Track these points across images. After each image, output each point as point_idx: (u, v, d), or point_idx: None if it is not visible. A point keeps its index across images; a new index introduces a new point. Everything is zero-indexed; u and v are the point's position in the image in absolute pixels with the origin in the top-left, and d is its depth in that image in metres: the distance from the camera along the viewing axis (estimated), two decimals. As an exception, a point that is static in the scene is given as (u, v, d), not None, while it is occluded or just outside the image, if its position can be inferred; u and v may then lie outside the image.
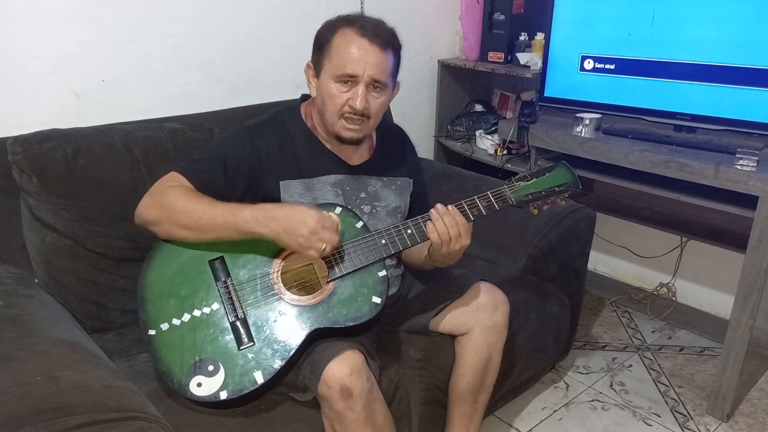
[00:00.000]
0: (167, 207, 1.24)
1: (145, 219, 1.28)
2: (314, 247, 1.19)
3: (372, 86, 1.31)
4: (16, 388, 0.94)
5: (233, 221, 1.21)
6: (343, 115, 1.32)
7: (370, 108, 1.32)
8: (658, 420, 1.91)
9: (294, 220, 1.19)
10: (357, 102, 1.30)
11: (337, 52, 1.29)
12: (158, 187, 1.29)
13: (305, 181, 1.38)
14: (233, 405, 1.23)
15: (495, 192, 1.35)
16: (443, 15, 2.50)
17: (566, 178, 1.40)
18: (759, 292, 1.72)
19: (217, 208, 1.23)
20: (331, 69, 1.30)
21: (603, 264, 2.71)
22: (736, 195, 1.70)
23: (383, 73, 1.31)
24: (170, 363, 1.21)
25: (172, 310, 1.25)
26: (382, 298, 1.28)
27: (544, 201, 1.39)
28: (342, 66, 1.29)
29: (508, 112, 2.60)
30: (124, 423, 0.95)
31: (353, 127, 1.34)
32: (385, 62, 1.31)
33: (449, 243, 1.29)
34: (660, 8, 1.87)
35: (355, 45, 1.28)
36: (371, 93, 1.32)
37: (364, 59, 1.28)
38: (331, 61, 1.30)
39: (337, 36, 1.30)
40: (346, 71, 1.28)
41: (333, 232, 1.21)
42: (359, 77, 1.29)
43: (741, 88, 1.78)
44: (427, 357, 1.52)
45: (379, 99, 1.34)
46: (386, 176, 1.48)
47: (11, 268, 1.42)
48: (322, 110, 1.36)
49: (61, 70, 1.62)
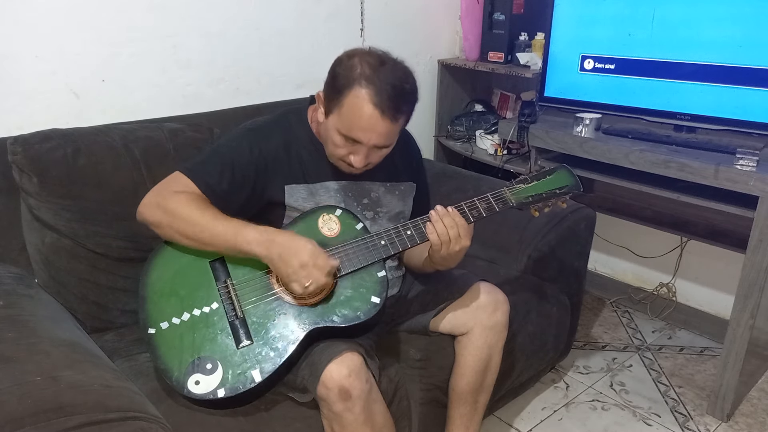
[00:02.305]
0: (170, 213, 1.24)
1: (147, 219, 1.27)
2: (299, 281, 1.19)
3: (376, 147, 1.29)
4: (16, 388, 0.94)
5: (234, 241, 1.22)
6: (342, 160, 1.32)
7: (370, 161, 1.32)
8: (658, 420, 1.91)
9: (290, 249, 1.19)
10: (356, 163, 1.29)
11: (346, 112, 1.24)
12: (163, 189, 1.28)
13: (309, 185, 1.38)
14: (231, 404, 1.23)
15: (495, 194, 1.35)
16: (443, 15, 2.50)
17: (567, 181, 1.40)
18: (759, 292, 1.72)
19: (220, 224, 1.22)
20: (337, 122, 1.27)
21: (603, 264, 2.71)
22: (736, 195, 1.70)
23: (390, 140, 1.29)
24: (169, 361, 1.21)
25: (172, 309, 1.25)
26: (381, 298, 1.28)
27: (544, 203, 1.38)
28: (348, 129, 1.25)
29: (508, 112, 2.60)
30: (124, 423, 0.95)
31: (351, 171, 1.34)
32: (394, 130, 1.28)
33: (449, 244, 1.29)
34: (660, 8, 1.87)
35: (365, 114, 1.22)
36: (374, 150, 1.30)
37: (372, 130, 1.24)
38: (339, 115, 1.26)
39: (351, 95, 1.23)
40: (351, 135, 1.26)
41: (322, 273, 1.20)
42: (363, 144, 1.27)
43: (741, 88, 1.78)
44: (427, 357, 1.52)
45: (382, 152, 1.32)
46: (389, 182, 1.48)
47: (11, 268, 1.42)
48: (324, 141, 1.35)
49: (61, 70, 1.62)
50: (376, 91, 1.21)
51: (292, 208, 1.36)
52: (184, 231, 1.23)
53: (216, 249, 1.25)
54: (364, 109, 1.22)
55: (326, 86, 1.30)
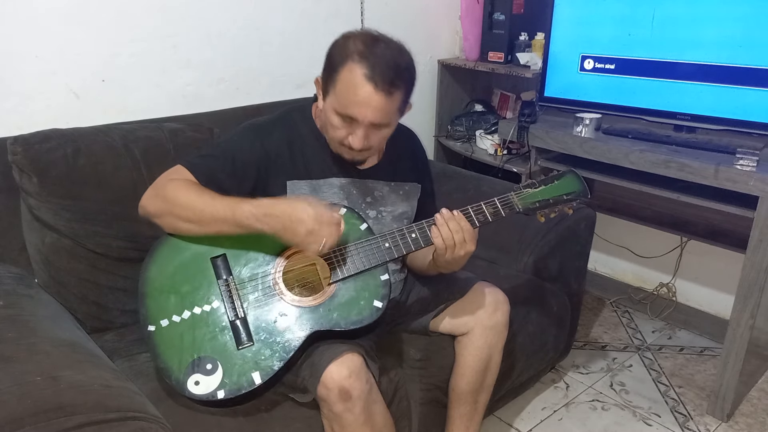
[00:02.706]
0: (169, 199, 1.23)
1: (148, 211, 1.27)
2: (313, 245, 1.19)
3: (374, 126, 1.28)
4: (16, 388, 0.94)
5: (233, 216, 1.21)
6: (343, 144, 1.31)
7: (370, 143, 1.30)
8: (658, 420, 1.91)
9: (292, 218, 1.18)
10: (355, 143, 1.28)
11: (341, 89, 1.23)
12: (161, 180, 1.28)
13: (312, 182, 1.38)
14: (231, 404, 1.23)
15: (502, 198, 1.33)
16: (443, 15, 2.50)
17: (575, 187, 1.38)
18: (759, 292, 1.72)
19: (218, 203, 1.22)
20: (334, 102, 1.26)
21: (603, 264, 2.71)
22: (736, 195, 1.70)
23: (386, 117, 1.27)
24: (169, 360, 1.21)
25: (172, 307, 1.25)
26: (383, 302, 1.27)
27: (551, 209, 1.36)
28: (344, 106, 1.25)
29: (508, 112, 2.60)
30: (124, 423, 0.95)
31: (354, 156, 1.34)
32: (389, 106, 1.25)
33: (453, 248, 1.27)
34: (660, 8, 1.87)
35: (359, 89, 1.21)
36: (373, 130, 1.28)
37: (367, 105, 1.22)
38: (335, 94, 1.25)
39: (345, 71, 1.22)
40: (346, 112, 1.25)
41: (331, 228, 1.19)
42: (360, 121, 1.25)
43: (741, 88, 1.78)
44: (427, 357, 1.52)
45: (382, 133, 1.31)
46: (394, 181, 1.47)
47: (11, 268, 1.42)
48: (324, 129, 1.35)
49: (61, 70, 1.62)
50: (369, 66, 1.21)
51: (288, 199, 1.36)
52: (184, 214, 1.23)
53: (218, 229, 1.24)
54: (357, 83, 1.21)
55: (323, 70, 1.30)
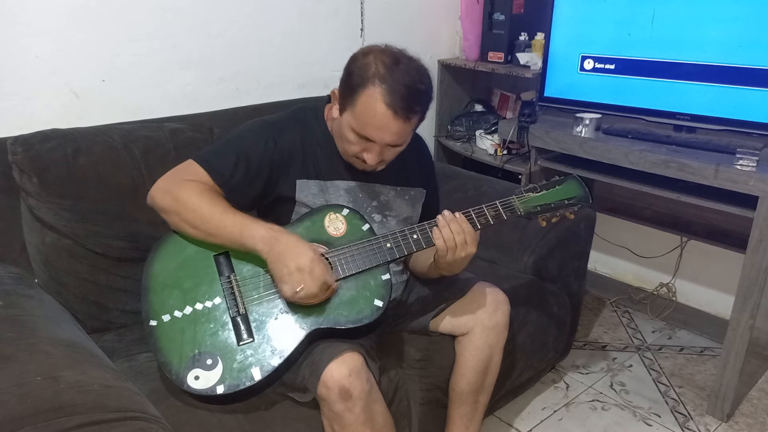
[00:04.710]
0: (180, 201, 1.23)
1: (157, 204, 1.27)
2: (291, 284, 1.19)
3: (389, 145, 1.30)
4: (16, 388, 0.94)
5: (239, 235, 1.22)
6: (356, 157, 1.33)
7: (384, 158, 1.32)
8: (658, 420, 1.91)
9: (292, 251, 1.19)
10: (370, 160, 1.30)
11: (360, 111, 1.25)
12: (176, 176, 1.28)
13: (321, 182, 1.38)
14: (230, 400, 1.23)
15: (504, 202, 1.34)
16: (443, 15, 2.50)
17: (576, 192, 1.39)
18: (759, 292, 1.72)
19: (228, 218, 1.22)
20: (351, 120, 1.27)
21: (603, 264, 2.71)
22: (736, 195, 1.70)
23: (402, 138, 1.29)
24: (169, 354, 1.21)
25: (174, 302, 1.25)
26: (384, 301, 1.28)
27: (552, 213, 1.38)
28: (361, 127, 1.26)
29: (508, 112, 2.60)
30: (124, 423, 0.95)
31: (365, 168, 1.35)
32: (407, 129, 1.28)
33: (455, 250, 1.28)
34: (660, 8, 1.87)
35: (378, 114, 1.23)
36: (388, 148, 1.30)
37: (386, 130, 1.25)
38: (353, 114, 1.26)
39: (364, 94, 1.23)
40: (364, 133, 1.26)
41: (316, 283, 1.19)
42: (376, 142, 1.27)
43: (741, 88, 1.78)
44: (427, 357, 1.52)
45: (396, 150, 1.33)
46: (400, 186, 1.48)
47: (11, 268, 1.42)
48: (337, 138, 1.36)
49: (61, 70, 1.62)
50: (390, 91, 1.22)
51: (302, 203, 1.36)
52: (192, 221, 1.23)
53: (220, 241, 1.25)
54: (377, 109, 1.22)
55: (341, 83, 1.30)
